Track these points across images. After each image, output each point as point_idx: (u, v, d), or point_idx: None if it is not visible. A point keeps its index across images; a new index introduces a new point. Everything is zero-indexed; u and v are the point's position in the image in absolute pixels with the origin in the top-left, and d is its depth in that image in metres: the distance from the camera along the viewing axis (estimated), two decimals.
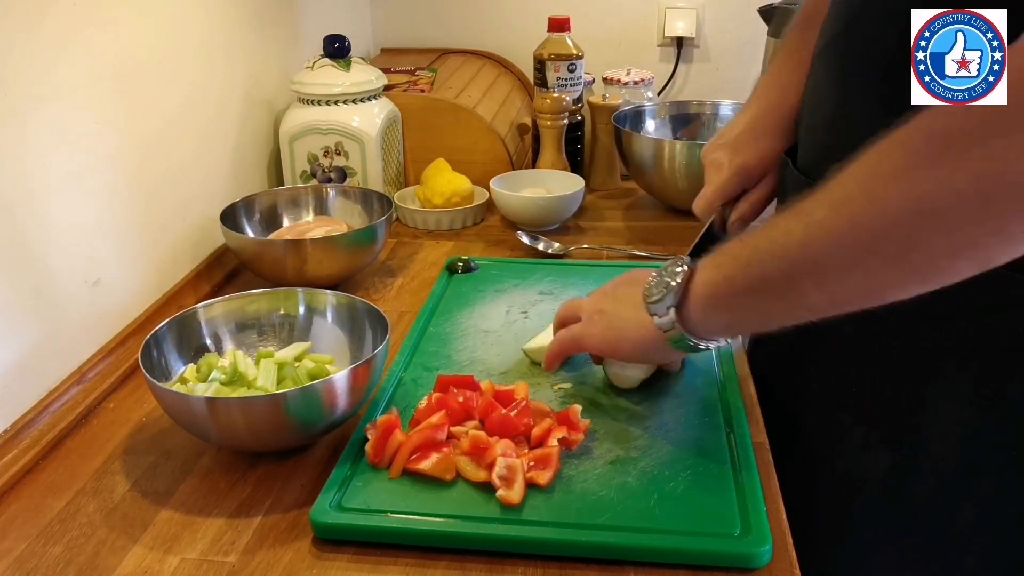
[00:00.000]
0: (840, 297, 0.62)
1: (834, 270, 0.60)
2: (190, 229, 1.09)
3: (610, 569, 0.65)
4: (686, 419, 0.80)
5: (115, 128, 0.94)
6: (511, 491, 0.69)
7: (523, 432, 0.75)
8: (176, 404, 0.74)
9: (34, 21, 0.81)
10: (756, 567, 0.64)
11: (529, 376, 0.87)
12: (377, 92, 1.29)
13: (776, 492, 0.72)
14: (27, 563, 0.67)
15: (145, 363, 0.76)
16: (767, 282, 0.64)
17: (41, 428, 0.81)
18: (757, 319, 0.69)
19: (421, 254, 1.21)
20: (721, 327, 0.71)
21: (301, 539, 0.68)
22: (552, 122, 1.35)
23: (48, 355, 0.85)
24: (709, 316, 0.69)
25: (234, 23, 1.19)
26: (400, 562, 0.66)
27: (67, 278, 0.87)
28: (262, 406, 0.72)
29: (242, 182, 1.22)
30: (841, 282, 0.60)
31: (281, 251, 1.04)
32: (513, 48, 1.70)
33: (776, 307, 0.66)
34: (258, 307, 0.89)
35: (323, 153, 1.26)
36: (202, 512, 0.72)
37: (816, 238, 0.60)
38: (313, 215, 1.18)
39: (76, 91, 0.87)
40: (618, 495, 0.70)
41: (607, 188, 1.48)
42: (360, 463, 0.74)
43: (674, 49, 1.71)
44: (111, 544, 0.69)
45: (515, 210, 1.28)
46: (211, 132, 1.14)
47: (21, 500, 0.74)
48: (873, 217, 0.57)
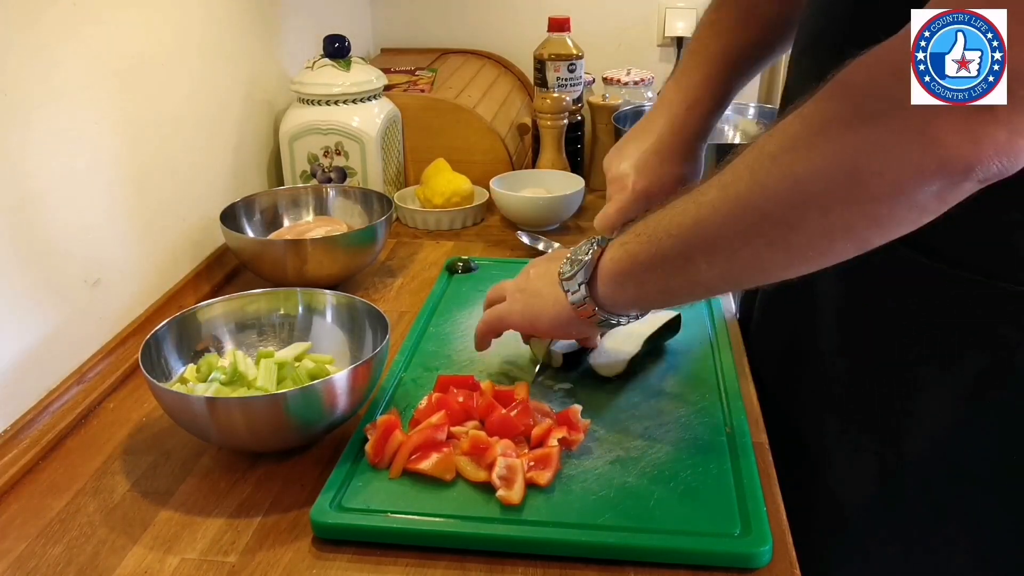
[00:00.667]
0: (731, 275, 0.66)
1: (723, 249, 0.63)
2: (190, 229, 1.09)
3: (610, 569, 0.65)
4: (686, 419, 0.80)
5: (115, 128, 0.94)
6: (511, 491, 0.69)
7: (523, 432, 0.75)
8: (176, 404, 0.74)
9: (34, 21, 0.81)
10: (756, 567, 0.64)
11: (529, 376, 0.87)
12: (377, 92, 1.29)
13: (776, 492, 0.72)
14: (27, 563, 0.67)
15: (145, 363, 0.76)
16: (665, 259, 0.68)
17: (41, 428, 0.81)
18: (659, 294, 0.72)
19: (421, 254, 1.21)
20: (628, 301, 0.74)
21: (301, 539, 0.68)
22: (552, 122, 1.35)
23: (48, 355, 0.85)
24: (616, 291, 0.73)
25: (234, 23, 1.19)
26: (400, 562, 0.66)
27: (67, 278, 0.87)
28: (262, 406, 0.72)
29: (242, 182, 1.22)
30: (730, 260, 0.64)
31: (281, 251, 1.04)
32: (513, 48, 1.70)
33: (675, 283, 0.69)
34: (258, 307, 0.89)
35: (323, 153, 1.26)
36: (202, 512, 0.72)
37: (706, 217, 0.64)
38: (313, 215, 1.18)
39: (76, 91, 0.87)
40: (618, 495, 0.70)
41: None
42: (360, 463, 0.74)
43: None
44: (111, 544, 0.69)
45: (515, 210, 1.28)
46: (211, 132, 1.14)
47: (21, 500, 0.74)
48: (754, 197, 0.60)
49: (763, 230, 0.61)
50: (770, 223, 0.60)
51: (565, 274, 0.75)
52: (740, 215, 0.61)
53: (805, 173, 0.57)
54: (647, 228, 0.70)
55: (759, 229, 0.61)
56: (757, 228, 0.61)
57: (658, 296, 0.72)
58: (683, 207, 0.66)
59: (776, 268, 0.63)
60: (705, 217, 0.64)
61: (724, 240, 0.63)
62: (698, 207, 0.64)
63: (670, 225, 0.67)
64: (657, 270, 0.69)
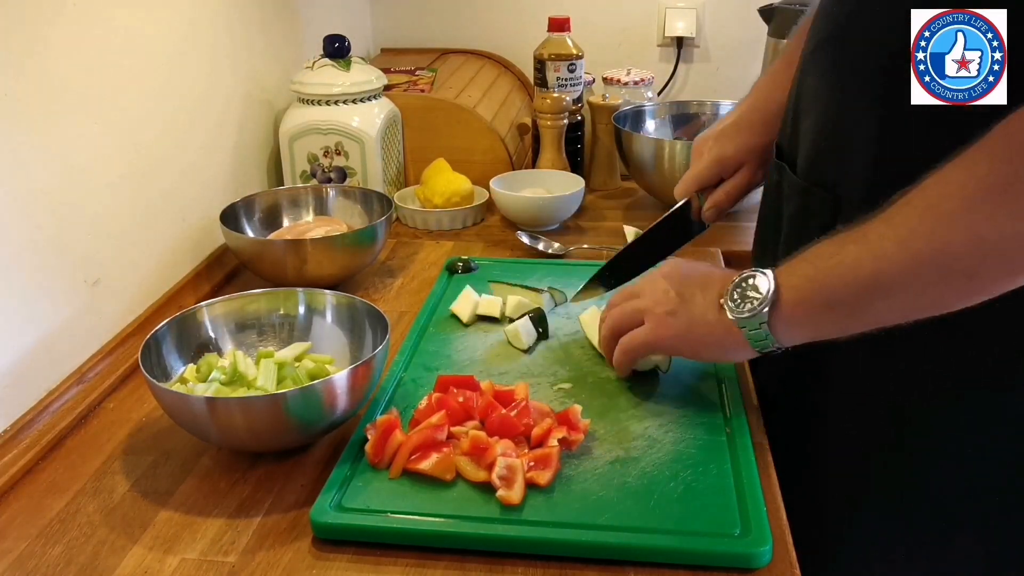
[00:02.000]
0: (908, 314, 0.67)
1: (902, 295, 0.65)
2: (190, 229, 1.09)
3: (610, 569, 0.65)
4: (686, 419, 0.80)
5: (115, 128, 0.94)
6: (511, 491, 0.69)
7: (523, 432, 0.75)
8: (176, 404, 0.74)
9: (34, 22, 0.81)
10: (756, 567, 0.64)
11: (529, 376, 0.87)
12: (377, 92, 1.29)
13: (776, 492, 0.72)
14: (27, 563, 0.67)
15: (145, 363, 0.76)
16: (843, 304, 0.69)
17: (41, 428, 0.81)
18: (834, 331, 0.72)
19: (421, 254, 1.21)
20: (802, 337, 0.73)
21: (301, 539, 0.68)
22: (552, 122, 1.35)
23: (48, 355, 0.85)
24: (792, 330, 0.72)
25: (234, 23, 1.19)
26: (400, 562, 0.66)
27: (67, 278, 0.87)
28: (262, 406, 0.72)
29: (242, 182, 1.22)
30: (911, 303, 0.66)
31: (281, 251, 1.04)
32: (513, 48, 1.70)
33: (851, 323, 0.70)
34: (258, 307, 0.89)
35: (323, 153, 1.26)
36: (202, 512, 0.72)
37: (885, 270, 0.65)
38: (313, 215, 1.18)
39: (76, 91, 0.87)
40: (618, 495, 0.70)
41: (607, 188, 1.48)
42: (360, 463, 0.74)
43: (674, 49, 1.71)
44: (111, 544, 0.69)
45: (515, 210, 1.28)
46: (211, 132, 1.14)
47: (21, 500, 0.74)
48: (937, 255, 0.62)
49: (944, 280, 0.63)
50: (953, 274, 0.62)
51: (737, 310, 0.73)
52: (921, 272, 0.63)
53: (990, 234, 0.59)
54: (817, 272, 0.70)
55: (940, 279, 0.63)
56: (938, 279, 0.63)
57: (833, 332, 0.72)
58: (856, 257, 0.66)
59: (954, 305, 0.65)
60: (884, 270, 0.65)
61: (903, 289, 0.65)
62: (875, 260, 0.65)
63: (845, 274, 0.67)
64: (833, 312, 0.70)
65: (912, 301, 0.65)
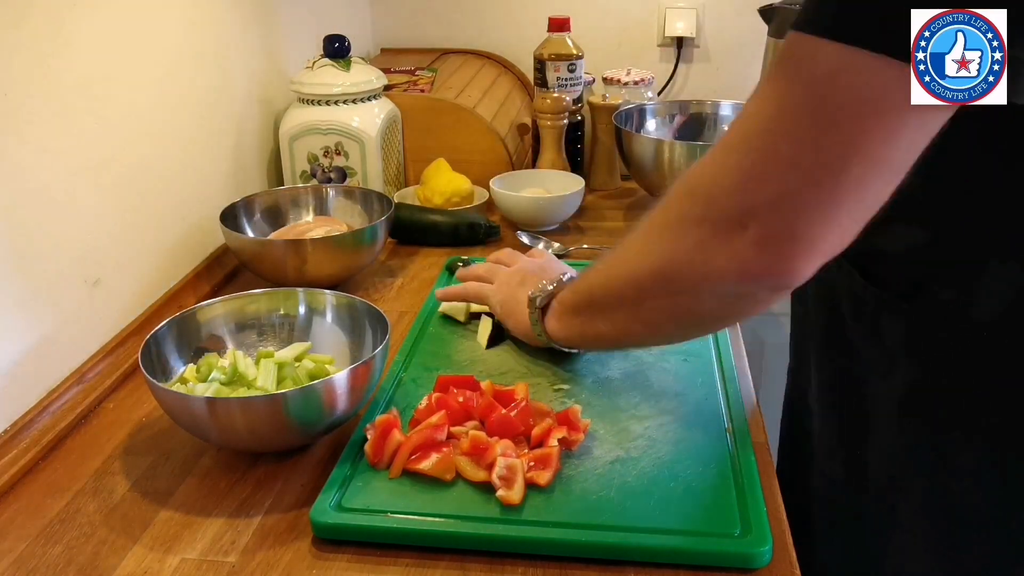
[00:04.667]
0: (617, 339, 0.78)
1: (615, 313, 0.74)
2: (190, 229, 1.09)
3: (610, 569, 0.65)
4: (686, 419, 0.80)
5: (115, 128, 0.94)
6: (511, 491, 0.69)
7: (523, 432, 0.75)
8: (176, 404, 0.74)
9: (34, 22, 0.81)
10: (756, 567, 0.64)
11: (529, 376, 0.87)
12: (377, 92, 1.29)
13: (776, 492, 0.72)
14: (27, 563, 0.67)
15: (145, 363, 0.76)
16: (579, 309, 0.80)
17: (41, 428, 0.81)
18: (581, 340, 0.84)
19: (421, 254, 1.21)
20: (565, 338, 0.84)
21: (301, 539, 0.68)
22: (552, 122, 1.35)
23: (48, 355, 0.85)
24: (553, 324, 0.84)
25: (234, 23, 1.19)
26: (400, 562, 0.66)
27: (67, 278, 0.87)
28: (262, 406, 0.72)
29: (242, 182, 1.22)
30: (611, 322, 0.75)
31: (281, 251, 1.04)
32: (513, 48, 1.70)
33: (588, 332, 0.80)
34: (258, 307, 0.89)
35: (323, 153, 1.26)
36: (202, 512, 0.72)
37: (596, 285, 0.76)
38: (313, 215, 1.18)
39: (76, 91, 0.87)
40: (618, 495, 0.70)
41: (607, 188, 1.48)
42: (360, 463, 0.74)
43: (674, 49, 1.71)
44: (111, 544, 0.69)
45: (515, 210, 1.28)
46: (211, 132, 1.14)
47: (21, 500, 0.74)
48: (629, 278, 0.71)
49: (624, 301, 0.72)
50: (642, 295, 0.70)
51: (535, 298, 0.85)
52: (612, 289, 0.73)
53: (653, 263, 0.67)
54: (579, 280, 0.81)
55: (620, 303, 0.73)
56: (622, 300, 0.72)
57: (581, 342, 0.84)
58: (587, 273, 0.79)
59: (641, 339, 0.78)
60: (595, 284, 0.76)
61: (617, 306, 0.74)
62: (593, 276, 0.77)
63: (579, 286, 0.80)
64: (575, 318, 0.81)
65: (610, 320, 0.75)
